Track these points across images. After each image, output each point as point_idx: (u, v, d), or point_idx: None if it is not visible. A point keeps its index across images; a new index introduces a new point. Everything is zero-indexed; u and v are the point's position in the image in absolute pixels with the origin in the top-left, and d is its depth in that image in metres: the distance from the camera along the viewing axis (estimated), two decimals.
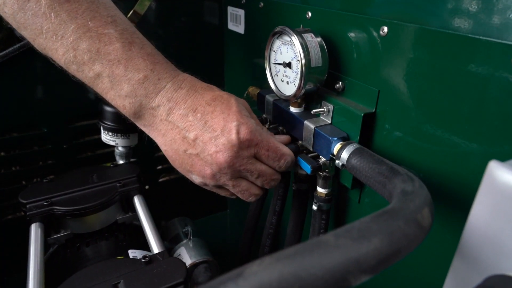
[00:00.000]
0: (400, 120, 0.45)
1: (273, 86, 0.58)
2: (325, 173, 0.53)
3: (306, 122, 0.53)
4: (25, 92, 0.73)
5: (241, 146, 0.46)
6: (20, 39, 0.75)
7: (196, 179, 0.51)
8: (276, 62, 0.56)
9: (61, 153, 0.81)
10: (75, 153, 0.83)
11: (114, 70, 0.45)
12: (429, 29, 0.39)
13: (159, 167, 0.97)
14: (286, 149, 0.50)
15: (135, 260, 0.51)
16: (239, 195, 0.52)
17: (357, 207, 0.57)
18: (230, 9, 0.83)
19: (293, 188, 0.59)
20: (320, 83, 0.52)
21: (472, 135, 0.38)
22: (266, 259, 0.20)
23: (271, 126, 0.63)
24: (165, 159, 0.97)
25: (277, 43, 0.55)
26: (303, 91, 0.51)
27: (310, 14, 0.57)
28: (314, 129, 0.52)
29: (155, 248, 0.57)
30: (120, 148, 0.74)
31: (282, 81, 0.56)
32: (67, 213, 0.60)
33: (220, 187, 0.51)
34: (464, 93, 0.37)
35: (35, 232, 0.58)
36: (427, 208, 0.27)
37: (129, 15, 0.74)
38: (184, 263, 0.50)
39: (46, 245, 0.59)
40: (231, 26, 0.85)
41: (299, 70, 0.50)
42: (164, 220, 0.87)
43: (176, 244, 0.76)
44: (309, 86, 0.51)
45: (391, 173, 0.36)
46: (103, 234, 0.65)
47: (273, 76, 0.58)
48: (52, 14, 0.43)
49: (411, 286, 0.50)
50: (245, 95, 0.70)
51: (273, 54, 0.57)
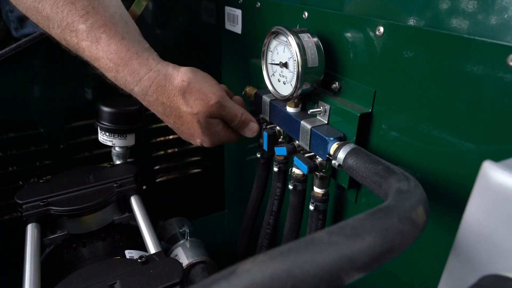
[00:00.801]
0: (396, 120, 0.45)
1: (270, 86, 0.58)
2: (321, 173, 0.53)
3: (302, 122, 0.53)
4: (22, 92, 0.73)
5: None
6: (17, 39, 0.75)
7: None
8: (273, 62, 0.56)
9: (58, 153, 0.81)
10: (72, 153, 0.83)
11: (94, 63, 0.50)
12: (424, 29, 0.39)
13: (156, 167, 0.97)
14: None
15: (131, 260, 0.51)
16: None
17: (354, 207, 0.58)
18: (228, 9, 0.83)
19: (290, 188, 0.59)
20: (316, 83, 0.52)
21: (467, 135, 0.38)
22: (259, 257, 0.20)
23: (268, 126, 0.63)
24: (163, 159, 0.98)
25: (273, 43, 0.55)
26: (299, 91, 0.51)
27: (306, 14, 0.57)
28: (311, 129, 0.52)
29: (152, 248, 0.57)
30: (117, 149, 0.74)
31: (279, 81, 0.56)
32: (63, 214, 0.60)
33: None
34: (459, 93, 0.37)
35: (31, 232, 0.58)
36: (422, 207, 0.27)
37: None
38: (181, 264, 0.50)
39: (42, 245, 0.59)
40: (228, 26, 0.85)
41: (295, 70, 0.50)
42: (161, 220, 0.87)
43: (173, 244, 0.76)
44: (306, 86, 0.51)
45: (387, 172, 0.36)
46: (99, 234, 0.65)
47: (270, 76, 0.58)
48: (39, 7, 0.47)
49: (406, 285, 0.50)
50: (242, 95, 0.70)
51: (269, 54, 0.57)
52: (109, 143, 0.72)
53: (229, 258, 1.11)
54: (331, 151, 0.47)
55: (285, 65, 0.53)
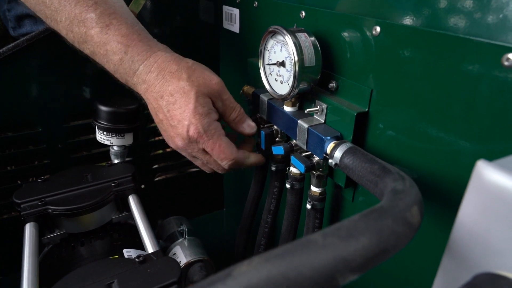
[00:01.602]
0: (393, 119, 0.46)
1: (267, 86, 0.58)
2: (318, 172, 0.54)
3: (299, 121, 0.53)
4: (20, 91, 0.73)
5: (190, 140, 0.53)
6: (15, 38, 0.75)
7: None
8: (270, 61, 0.56)
9: (56, 152, 0.81)
10: (70, 152, 0.83)
11: (100, 51, 0.51)
12: (420, 29, 0.40)
13: (155, 166, 0.97)
14: (231, 153, 0.55)
15: (129, 259, 0.51)
16: (203, 168, 0.62)
17: (351, 206, 0.58)
18: (225, 8, 0.83)
19: (288, 187, 0.60)
20: (313, 82, 0.52)
21: (463, 134, 0.38)
22: (255, 259, 0.20)
23: (265, 126, 0.63)
24: (161, 158, 0.98)
25: (271, 42, 0.55)
26: (296, 91, 0.51)
27: (304, 13, 0.57)
28: (308, 128, 0.52)
29: (150, 247, 0.57)
30: (115, 148, 0.74)
31: (276, 80, 0.56)
32: (61, 213, 0.60)
33: None
34: (455, 92, 0.38)
35: (29, 231, 0.58)
36: (416, 207, 0.27)
37: None
38: (178, 263, 0.50)
39: (40, 244, 0.59)
40: (226, 25, 0.85)
41: (292, 69, 0.50)
42: (160, 219, 0.87)
43: (172, 243, 0.76)
44: (303, 85, 0.51)
45: (382, 172, 0.37)
46: (98, 233, 0.65)
47: (267, 75, 0.58)
48: (48, 1, 0.49)
49: (402, 283, 0.50)
50: (240, 94, 0.70)
51: (267, 53, 0.57)
52: (107, 142, 0.72)
53: (227, 256, 1.11)
54: (328, 150, 0.47)
55: (282, 64, 0.53)
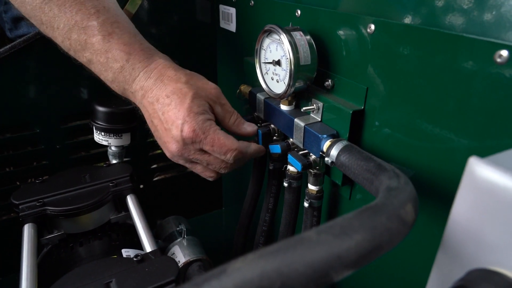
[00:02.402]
0: (388, 117, 0.46)
1: (263, 85, 0.59)
2: (315, 170, 0.54)
3: (296, 120, 0.53)
4: (17, 92, 0.73)
5: (185, 142, 0.51)
6: (12, 39, 0.75)
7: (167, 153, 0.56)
8: (266, 60, 0.57)
9: (54, 153, 0.81)
10: (68, 153, 0.83)
11: (99, 59, 0.51)
12: (414, 26, 0.40)
13: (153, 166, 0.97)
14: (232, 144, 0.52)
15: (127, 259, 0.51)
16: (201, 175, 0.59)
17: (348, 204, 0.58)
18: (222, 7, 0.83)
19: (285, 186, 0.60)
20: (309, 80, 0.53)
21: (458, 131, 0.38)
22: (249, 256, 0.20)
23: (262, 124, 0.63)
24: (159, 158, 0.98)
25: (266, 41, 0.55)
26: (292, 89, 0.52)
27: (299, 12, 0.57)
28: (304, 126, 0.52)
29: (148, 247, 0.58)
30: (113, 148, 0.74)
31: (272, 79, 0.56)
32: (60, 213, 0.60)
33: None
34: (449, 89, 0.38)
35: (28, 232, 0.58)
36: (411, 204, 0.27)
37: None
38: (176, 262, 0.50)
39: (39, 245, 0.60)
40: (223, 24, 0.85)
41: (288, 68, 0.50)
42: (159, 218, 0.87)
43: (171, 243, 0.76)
44: (299, 84, 0.52)
45: (378, 170, 0.37)
46: (96, 233, 0.65)
47: (263, 74, 0.58)
48: (46, 8, 0.49)
49: (397, 280, 0.51)
50: (237, 93, 0.71)
51: (263, 52, 0.57)
52: (105, 143, 0.72)
53: (226, 255, 1.11)
54: (324, 149, 0.48)
55: (278, 63, 0.54)
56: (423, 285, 0.30)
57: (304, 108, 0.54)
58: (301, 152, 0.54)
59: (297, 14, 0.57)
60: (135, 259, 0.50)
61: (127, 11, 0.75)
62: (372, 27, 0.44)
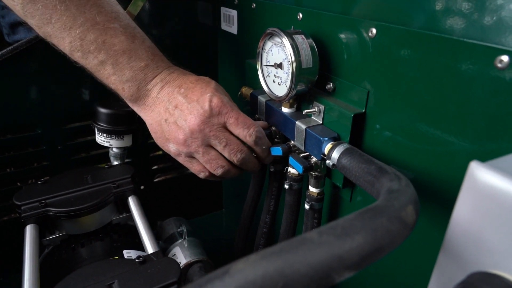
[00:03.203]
0: (389, 120, 0.46)
1: (265, 87, 0.59)
2: (316, 173, 0.54)
3: (297, 122, 0.54)
4: (19, 94, 0.73)
5: (212, 113, 0.52)
6: (10, 44, 0.75)
7: (172, 147, 0.56)
8: (268, 63, 0.57)
9: (55, 154, 0.81)
10: (69, 154, 0.83)
11: (118, 58, 0.51)
12: (415, 31, 0.40)
13: (154, 167, 0.98)
14: (253, 121, 0.55)
15: (129, 260, 0.51)
16: (208, 166, 0.56)
17: (349, 206, 0.58)
18: (223, 10, 0.83)
19: (286, 188, 0.60)
20: (311, 83, 0.53)
21: (458, 134, 0.38)
22: (252, 257, 0.21)
23: None
24: (161, 159, 0.99)
25: (268, 44, 0.56)
26: (294, 92, 0.52)
27: (301, 15, 0.57)
28: (306, 129, 0.52)
29: (150, 248, 0.58)
30: (114, 149, 0.74)
31: (274, 82, 0.57)
32: (61, 214, 0.61)
33: (191, 157, 0.57)
34: (450, 93, 0.38)
35: (30, 233, 0.58)
36: (412, 206, 0.28)
37: None
38: (178, 263, 0.50)
39: (41, 246, 0.60)
40: (224, 26, 0.85)
41: (290, 71, 0.51)
42: (159, 220, 0.88)
43: (171, 244, 0.77)
44: (300, 87, 0.52)
45: (379, 172, 0.37)
46: (98, 234, 0.65)
47: (265, 77, 0.59)
48: (63, 7, 0.48)
49: (398, 282, 0.51)
50: (238, 95, 0.71)
51: (264, 55, 0.57)
52: (107, 144, 0.72)
53: (226, 257, 1.11)
54: (326, 151, 0.48)
55: (279, 66, 0.54)
56: (424, 287, 0.31)
57: (306, 111, 0.55)
58: (302, 155, 0.54)
59: (298, 18, 0.58)
60: (137, 260, 0.50)
61: (129, 12, 0.76)
62: (374, 31, 0.45)
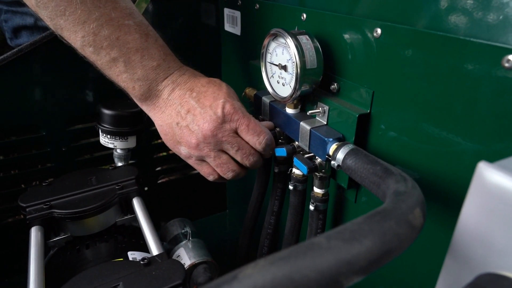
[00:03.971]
0: (394, 120, 0.46)
1: (269, 88, 0.59)
2: (321, 174, 0.54)
3: (302, 123, 0.54)
4: (23, 95, 0.74)
5: (225, 119, 0.52)
6: (13, 47, 0.75)
7: (183, 150, 0.56)
8: (272, 64, 0.57)
9: (59, 156, 0.82)
10: (74, 155, 0.84)
11: (130, 56, 0.51)
12: (421, 31, 0.40)
13: (158, 168, 0.98)
14: (265, 129, 0.55)
15: (134, 262, 0.52)
16: (219, 170, 0.57)
17: (353, 207, 0.58)
18: (227, 11, 0.83)
19: (290, 189, 0.60)
20: (315, 84, 0.53)
21: (464, 135, 0.38)
22: (260, 262, 0.20)
23: None
24: (164, 160, 0.99)
25: (272, 45, 0.56)
26: (298, 93, 0.52)
27: (305, 16, 0.57)
28: (310, 130, 0.52)
29: (154, 249, 0.58)
30: (118, 151, 0.74)
31: (278, 82, 0.57)
32: (66, 216, 0.61)
33: (202, 160, 0.57)
34: (456, 93, 0.38)
35: (35, 235, 0.58)
36: (419, 208, 0.27)
37: None
38: (183, 265, 0.50)
39: (46, 248, 0.60)
40: (227, 27, 0.85)
41: (294, 72, 0.51)
42: (163, 221, 0.88)
43: (176, 245, 0.77)
44: (305, 87, 0.52)
45: (385, 173, 0.37)
46: (102, 236, 0.65)
47: (269, 77, 0.59)
48: (79, 0, 0.47)
49: (406, 284, 0.51)
50: (242, 96, 0.71)
51: (268, 56, 0.57)
52: (111, 146, 0.72)
53: (231, 258, 1.11)
54: (330, 152, 0.48)
55: (284, 67, 0.54)
56: None
57: (310, 112, 0.54)
58: (306, 155, 0.54)
59: (302, 18, 0.58)
60: (142, 262, 0.50)
61: None
62: (379, 31, 0.44)
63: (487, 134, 0.36)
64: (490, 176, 0.24)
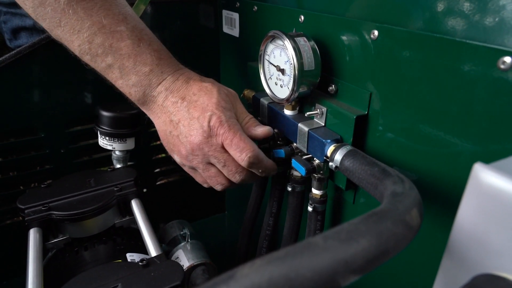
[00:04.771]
0: (392, 121, 0.46)
1: (267, 90, 0.59)
2: (319, 175, 0.54)
3: (300, 124, 0.54)
4: (22, 98, 0.74)
5: (211, 133, 0.52)
6: (13, 49, 0.76)
7: (176, 158, 0.58)
8: (270, 66, 0.57)
9: (58, 157, 0.82)
10: (72, 157, 0.84)
11: (124, 63, 0.51)
12: (418, 33, 0.40)
13: (156, 170, 0.98)
14: (250, 145, 0.52)
15: (132, 263, 0.52)
16: (209, 181, 0.58)
17: (352, 208, 0.58)
18: (225, 13, 0.83)
19: (289, 190, 0.60)
20: (313, 86, 0.53)
21: (461, 136, 0.38)
22: (257, 262, 0.21)
23: None
24: (163, 162, 0.99)
25: (270, 47, 0.56)
26: (296, 94, 0.52)
27: (303, 17, 0.57)
28: (308, 131, 0.52)
29: (153, 251, 0.58)
30: (117, 153, 0.74)
31: (276, 84, 0.57)
32: (65, 218, 0.61)
33: (194, 169, 0.58)
34: (453, 95, 0.38)
35: (33, 237, 0.58)
36: (416, 209, 0.27)
37: None
38: (181, 266, 0.50)
39: (44, 249, 0.60)
40: (226, 29, 0.85)
41: (292, 73, 0.51)
42: (162, 222, 0.88)
43: (174, 247, 0.77)
44: (303, 89, 0.52)
45: (382, 174, 0.37)
46: (101, 238, 0.65)
47: (267, 79, 0.59)
48: (70, 11, 0.48)
49: (403, 285, 0.51)
50: (240, 97, 0.71)
51: (266, 57, 0.57)
52: (109, 147, 0.72)
53: (229, 259, 1.11)
54: (328, 153, 0.48)
55: (281, 69, 0.54)
56: None
57: (308, 113, 0.55)
58: (305, 157, 0.54)
59: (300, 20, 0.58)
60: (140, 263, 0.50)
61: None
62: (376, 33, 0.45)
63: (483, 135, 0.36)
64: (485, 177, 0.24)
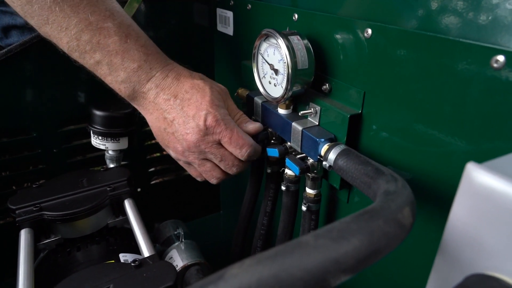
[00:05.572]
0: (386, 120, 0.46)
1: (261, 89, 0.59)
2: (313, 174, 0.54)
3: (294, 123, 0.53)
4: (14, 97, 0.73)
5: (207, 132, 0.53)
6: (3, 47, 0.75)
7: (172, 153, 0.58)
8: (263, 64, 0.57)
9: (51, 157, 0.81)
10: (65, 157, 0.83)
11: (112, 59, 0.51)
12: (411, 31, 0.40)
13: (151, 169, 0.97)
14: (248, 140, 0.55)
15: (125, 264, 0.51)
16: (204, 175, 0.60)
17: (346, 207, 0.58)
18: (219, 11, 0.83)
19: (283, 189, 0.60)
20: (307, 84, 0.53)
21: (455, 135, 0.38)
22: (247, 261, 0.20)
23: None
24: (157, 161, 0.98)
25: (264, 45, 0.56)
26: (290, 93, 0.52)
27: (296, 16, 0.57)
28: (302, 130, 0.52)
29: (146, 251, 0.57)
30: (110, 152, 0.74)
31: (270, 83, 0.56)
32: (57, 218, 0.60)
33: (189, 164, 0.59)
34: (446, 93, 0.38)
35: (24, 237, 0.58)
36: (408, 208, 0.27)
37: None
38: (174, 267, 0.50)
39: (36, 250, 0.59)
40: (220, 27, 0.85)
41: (286, 72, 0.51)
42: (157, 222, 0.87)
43: (168, 247, 0.76)
44: (296, 88, 0.52)
45: (376, 173, 0.37)
46: (94, 238, 0.65)
47: (261, 78, 0.59)
48: (57, 8, 0.47)
49: (396, 284, 0.51)
50: (234, 96, 0.71)
51: (260, 56, 0.57)
52: (102, 147, 0.72)
53: (224, 259, 1.11)
54: (322, 152, 0.48)
55: (275, 68, 0.54)
56: None
57: (302, 112, 0.54)
58: (298, 156, 0.54)
59: (294, 18, 0.58)
60: (133, 264, 0.49)
61: None
62: (369, 31, 0.45)
63: (476, 134, 0.36)
64: (478, 176, 0.24)
